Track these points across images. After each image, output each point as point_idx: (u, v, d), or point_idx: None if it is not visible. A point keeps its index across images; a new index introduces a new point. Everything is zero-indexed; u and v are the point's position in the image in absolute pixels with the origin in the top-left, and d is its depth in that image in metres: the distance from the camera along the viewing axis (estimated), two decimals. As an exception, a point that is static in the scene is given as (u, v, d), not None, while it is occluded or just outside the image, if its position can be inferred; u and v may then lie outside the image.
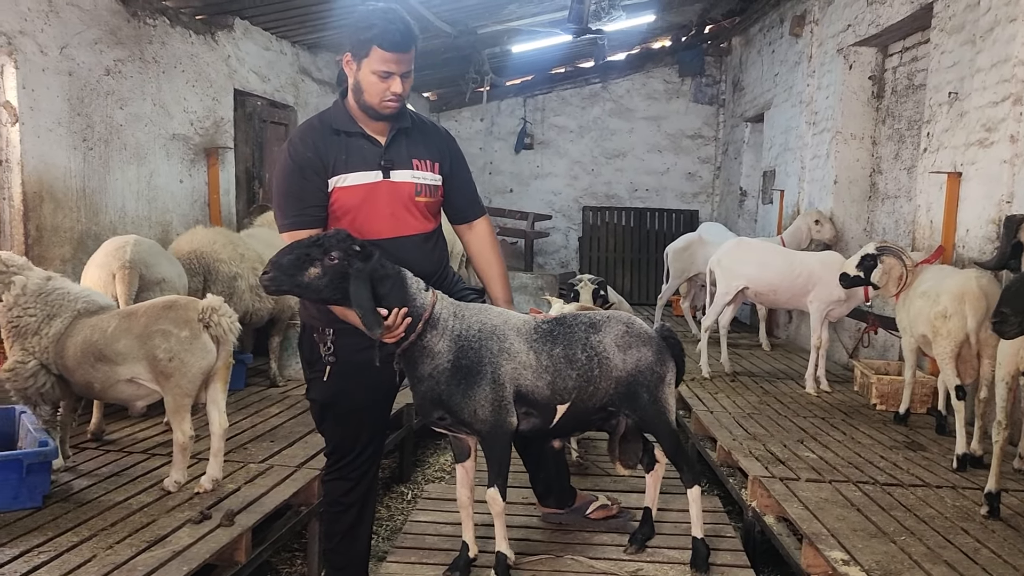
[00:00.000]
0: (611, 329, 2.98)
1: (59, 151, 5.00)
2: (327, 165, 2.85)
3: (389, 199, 2.91)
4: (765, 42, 10.00)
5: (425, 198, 2.97)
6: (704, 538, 3.19)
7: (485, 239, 3.22)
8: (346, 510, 3.17)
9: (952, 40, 5.42)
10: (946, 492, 3.87)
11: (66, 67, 5.03)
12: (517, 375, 2.78)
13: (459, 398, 2.71)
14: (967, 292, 4.15)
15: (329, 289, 2.59)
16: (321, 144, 2.86)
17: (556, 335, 2.89)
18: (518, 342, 2.81)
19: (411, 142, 2.98)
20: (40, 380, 3.66)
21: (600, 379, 2.92)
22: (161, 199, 6.06)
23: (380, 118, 2.90)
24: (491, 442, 2.81)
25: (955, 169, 5.27)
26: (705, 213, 12.68)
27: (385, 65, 2.78)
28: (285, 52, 7.79)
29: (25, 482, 3.31)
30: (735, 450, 4.44)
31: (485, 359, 2.72)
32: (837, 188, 7.44)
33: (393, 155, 2.92)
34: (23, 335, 3.65)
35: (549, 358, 2.84)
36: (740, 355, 7.34)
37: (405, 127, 2.96)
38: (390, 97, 2.83)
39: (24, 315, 3.65)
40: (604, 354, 2.93)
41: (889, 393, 5.43)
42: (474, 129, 12.98)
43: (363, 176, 2.88)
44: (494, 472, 2.86)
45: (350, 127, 2.91)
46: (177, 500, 3.49)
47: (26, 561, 2.86)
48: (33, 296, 3.67)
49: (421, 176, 2.96)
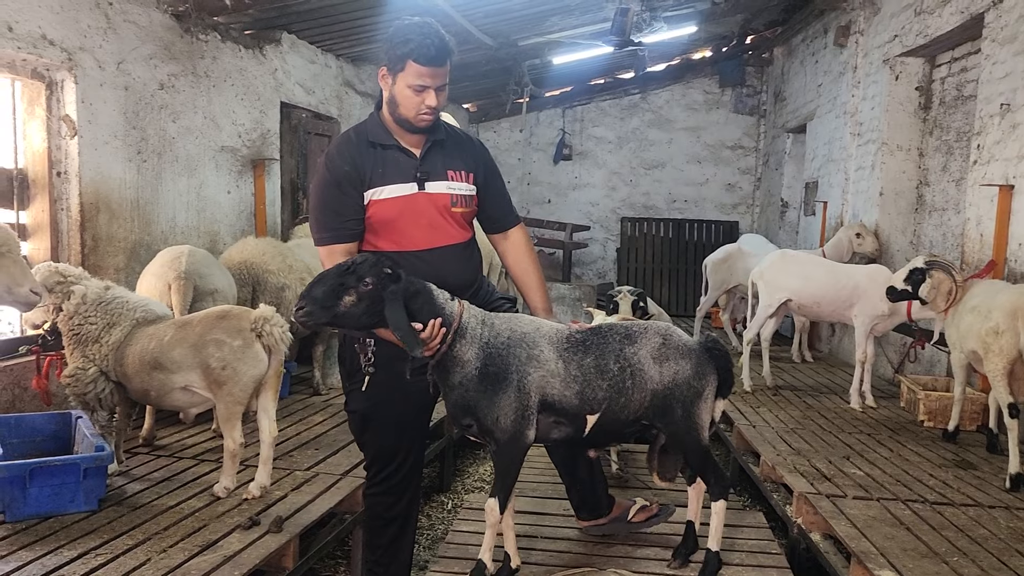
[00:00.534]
0: (647, 341, 2.95)
1: (115, 163, 5.14)
2: (364, 178, 2.89)
3: (425, 210, 2.94)
4: (808, 52, 9.91)
5: (461, 208, 3.01)
6: (719, 552, 3.17)
7: (521, 248, 3.25)
8: (388, 524, 3.18)
9: (1004, 51, 5.33)
10: (999, 512, 3.78)
11: (122, 82, 5.17)
12: (544, 383, 2.79)
13: (485, 404, 2.74)
14: (1020, 308, 4.06)
15: (367, 316, 2.61)
16: (358, 157, 2.91)
17: (589, 345, 2.88)
18: (548, 350, 2.82)
19: (446, 153, 3.02)
20: (100, 386, 3.77)
21: (633, 391, 2.89)
22: (210, 210, 6.19)
23: (415, 131, 2.95)
24: (504, 452, 2.82)
25: (1007, 182, 5.17)
26: (745, 224, 12.57)
27: (420, 79, 2.83)
28: (330, 65, 7.93)
29: (82, 486, 3.40)
30: (779, 465, 4.39)
31: (512, 366, 2.74)
32: (883, 200, 7.33)
33: (428, 167, 2.96)
34: (84, 343, 3.78)
35: (579, 368, 2.84)
36: (782, 368, 7.26)
37: (440, 139, 3.01)
38: (425, 110, 2.88)
39: (85, 323, 3.78)
40: (638, 366, 2.90)
41: (937, 409, 5.32)
42: (513, 140, 13.03)
43: (399, 188, 2.91)
44: (499, 484, 2.89)
45: (386, 140, 2.95)
46: (227, 506, 3.56)
47: (84, 563, 2.95)
48: (93, 305, 3.81)
49: (456, 187, 3.01)
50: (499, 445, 2.82)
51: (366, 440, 3.15)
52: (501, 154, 12.97)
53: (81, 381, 3.74)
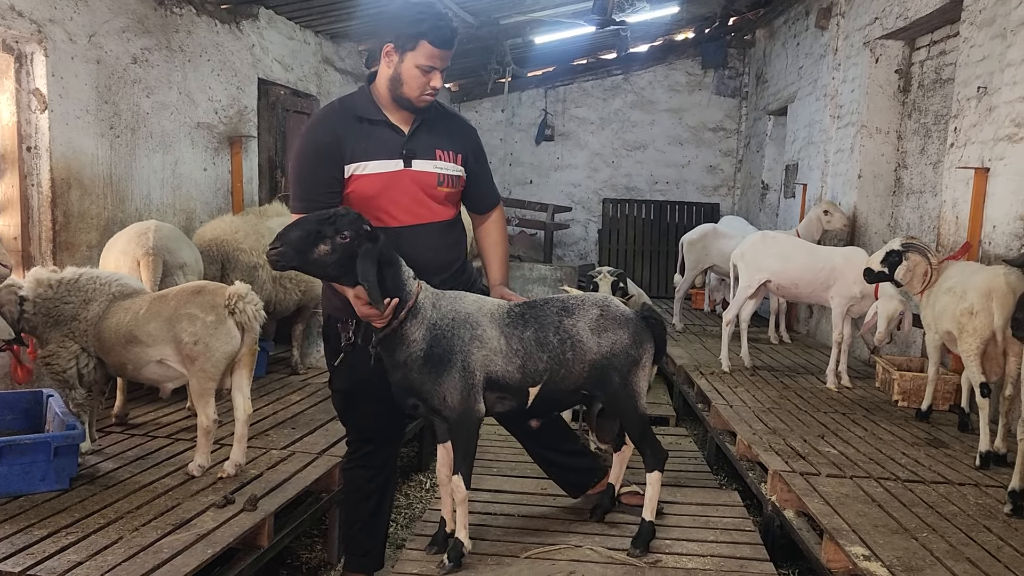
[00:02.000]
0: (585, 312, 3.03)
1: (87, 138, 5.05)
2: (345, 151, 2.87)
3: (409, 188, 2.93)
4: (790, 35, 9.90)
5: (447, 188, 3.00)
6: (652, 522, 3.23)
7: (497, 223, 3.28)
8: (367, 498, 3.23)
9: (982, 34, 5.35)
10: (969, 490, 3.84)
11: (94, 55, 5.07)
12: (488, 361, 2.83)
13: (430, 385, 2.77)
14: (995, 289, 4.10)
15: (335, 267, 2.63)
16: (341, 129, 2.88)
17: (528, 319, 2.94)
18: (490, 328, 2.86)
19: (434, 133, 3.00)
20: (82, 362, 3.79)
21: (573, 362, 2.96)
22: (185, 187, 6.11)
23: (413, 110, 2.93)
24: (459, 429, 2.86)
25: (983, 164, 5.20)
26: (726, 206, 12.59)
27: (431, 60, 2.82)
28: (308, 42, 7.82)
29: (53, 464, 3.37)
30: (755, 444, 4.42)
31: (456, 347, 2.78)
32: (861, 182, 7.36)
33: (416, 145, 2.94)
34: (60, 323, 3.77)
35: (520, 342, 2.89)
36: (760, 349, 7.30)
37: (429, 118, 2.98)
38: (429, 91, 2.88)
39: (61, 304, 3.77)
40: (577, 337, 2.97)
41: (911, 389, 5.39)
42: (495, 120, 12.95)
43: (384, 164, 2.89)
44: (460, 459, 2.91)
45: (374, 115, 2.92)
46: (201, 484, 3.54)
47: (54, 542, 2.92)
48: (67, 286, 3.80)
49: (444, 166, 2.99)
50: (451, 423, 2.86)
51: (349, 418, 3.20)
52: (483, 134, 12.61)
53: (62, 359, 3.75)
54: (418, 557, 3.15)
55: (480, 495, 3.78)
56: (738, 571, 3.11)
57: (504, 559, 3.14)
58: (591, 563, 3.12)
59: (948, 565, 3.01)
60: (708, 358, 6.78)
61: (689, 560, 3.18)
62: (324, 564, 4.00)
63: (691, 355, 6.94)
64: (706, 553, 3.24)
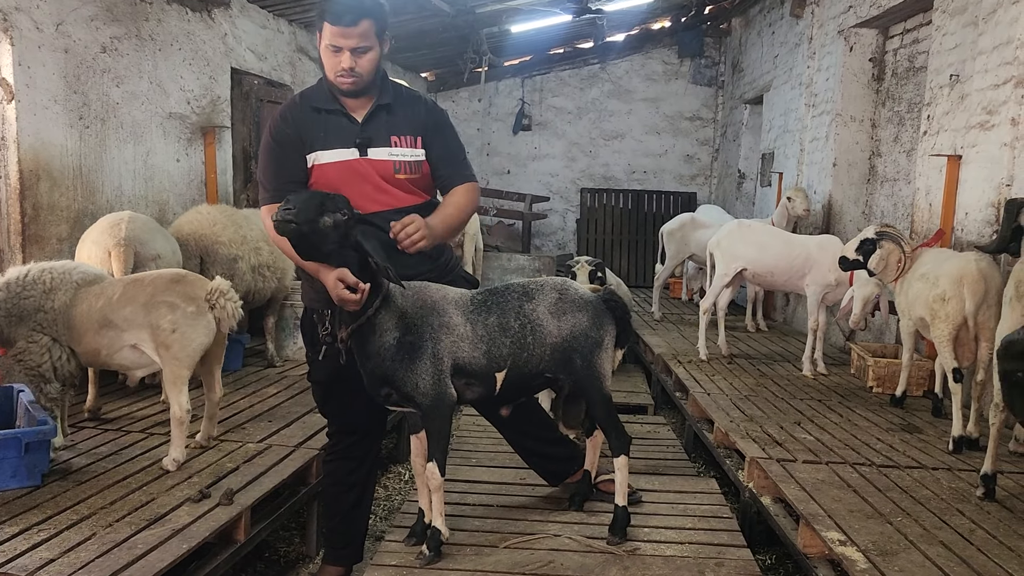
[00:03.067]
0: (544, 296, 3.06)
1: (55, 129, 4.96)
2: (305, 142, 2.88)
3: (369, 176, 2.90)
4: (765, 23, 9.93)
5: (406, 175, 2.94)
6: (626, 507, 3.24)
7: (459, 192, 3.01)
8: (348, 490, 3.23)
9: (954, 22, 5.39)
10: (942, 474, 3.89)
11: (62, 44, 4.97)
12: (455, 348, 2.85)
13: (402, 373, 2.77)
14: (966, 275, 4.14)
15: (332, 242, 2.57)
16: (300, 121, 2.89)
17: (491, 305, 2.96)
18: (456, 315, 2.88)
19: (391, 118, 2.95)
20: (55, 353, 3.72)
21: (534, 346, 2.99)
22: (158, 178, 6.02)
23: (344, 94, 2.90)
24: (432, 415, 2.85)
25: (955, 152, 5.26)
26: (703, 195, 12.64)
27: (333, 39, 2.78)
28: (282, 30, 7.72)
29: (24, 461, 3.31)
30: (732, 432, 4.45)
31: (426, 335, 2.79)
32: (836, 171, 7.42)
33: (371, 132, 2.91)
34: (25, 318, 3.69)
35: (484, 328, 2.91)
36: (737, 337, 7.35)
37: (385, 103, 2.94)
38: (341, 72, 2.82)
39: (19, 301, 3.69)
40: (537, 321, 3.00)
41: (886, 376, 5.45)
42: (472, 110, 12.90)
43: (340, 154, 2.88)
44: (433, 446, 2.91)
45: (329, 104, 2.92)
46: (176, 479, 3.50)
47: (26, 539, 2.87)
48: (18, 283, 3.71)
49: (400, 152, 2.93)
50: (424, 410, 2.85)
51: (329, 409, 3.21)
52: (460, 124, 12.81)
53: (34, 353, 3.68)
54: (397, 549, 3.14)
55: (458, 485, 3.78)
56: (716, 557, 3.13)
57: (483, 549, 3.13)
58: (570, 552, 3.12)
59: (922, 549, 3.05)
60: (686, 346, 6.81)
61: (667, 547, 3.19)
62: (302, 557, 3.97)
63: (669, 344, 6.97)
64: (684, 540, 3.26)
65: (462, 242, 7.69)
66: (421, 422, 2.97)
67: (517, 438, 3.63)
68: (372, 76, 2.87)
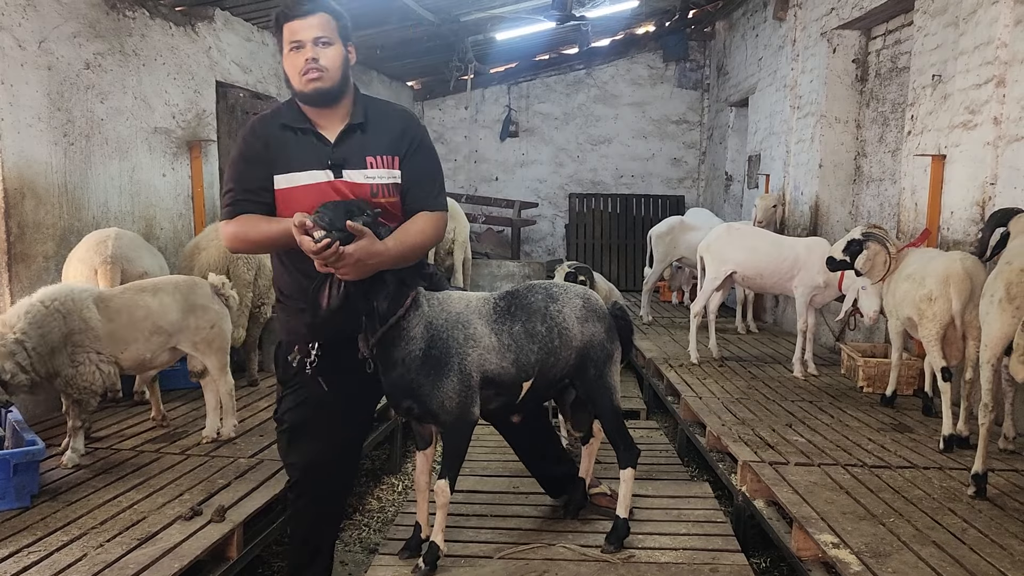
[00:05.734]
0: (570, 300, 3.08)
1: (40, 146, 4.93)
2: (273, 160, 2.71)
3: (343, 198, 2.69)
4: (749, 26, 9.99)
5: (384, 198, 2.74)
6: (627, 519, 3.25)
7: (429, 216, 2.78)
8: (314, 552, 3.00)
9: (935, 22, 5.43)
10: (933, 473, 3.90)
11: (45, 61, 4.95)
12: (483, 361, 2.82)
13: (428, 388, 2.73)
14: (952, 275, 4.17)
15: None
16: (270, 139, 2.73)
17: (515, 311, 2.93)
18: (481, 326, 2.84)
19: (365, 138, 2.75)
20: (104, 368, 3.79)
21: (561, 349, 3.00)
22: (144, 193, 5.99)
23: (312, 102, 2.70)
24: (453, 433, 2.84)
25: (939, 152, 5.29)
26: (691, 199, 12.69)
27: (293, 35, 2.64)
28: (267, 43, 7.71)
29: (13, 482, 3.29)
30: (724, 435, 4.46)
31: (453, 349, 2.75)
32: (822, 172, 7.46)
33: (345, 152, 2.72)
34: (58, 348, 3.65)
35: (511, 336, 2.89)
36: (728, 340, 7.37)
37: (358, 123, 2.76)
38: (305, 68, 2.62)
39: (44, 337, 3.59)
40: (564, 324, 3.01)
41: (876, 375, 5.47)
42: (458, 118, 12.91)
43: (312, 175, 2.70)
44: (448, 464, 2.89)
45: (299, 123, 2.75)
46: (167, 497, 3.48)
47: (16, 561, 2.85)
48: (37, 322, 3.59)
49: (376, 175, 2.74)
50: (446, 427, 2.82)
51: (295, 456, 2.91)
52: (447, 132, 12.85)
53: (85, 374, 3.72)
54: (391, 562, 3.13)
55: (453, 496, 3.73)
56: (711, 563, 3.13)
57: (478, 560, 3.12)
58: (565, 561, 3.12)
59: (915, 549, 3.06)
60: (677, 350, 6.82)
61: (662, 554, 3.19)
62: (297, 572, 3.94)
63: (660, 348, 6.98)
64: (679, 546, 3.26)
65: (452, 250, 7.68)
66: (441, 438, 2.93)
67: (528, 453, 3.63)
68: (339, 77, 2.69)
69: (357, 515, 4.55)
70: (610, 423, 3.21)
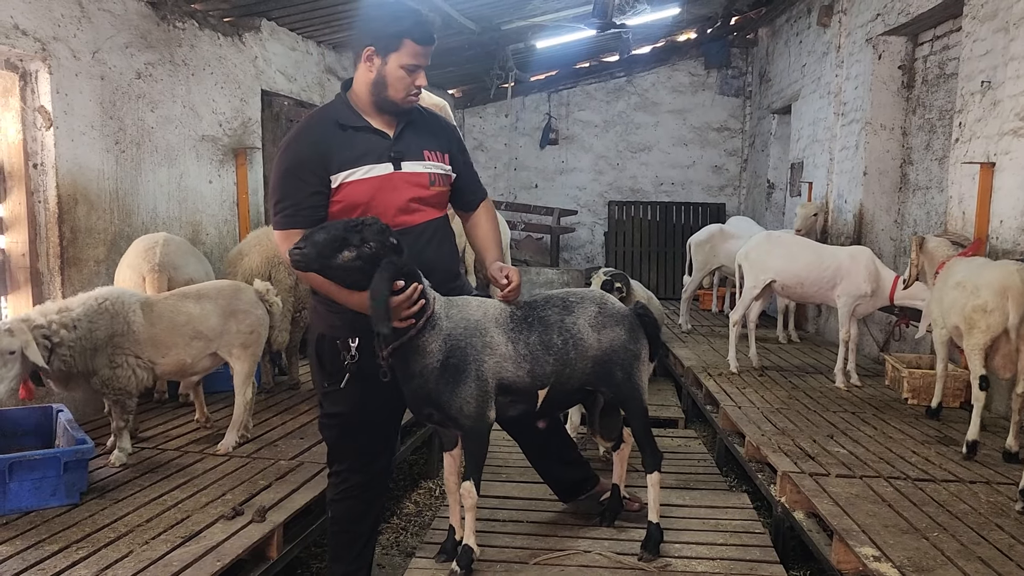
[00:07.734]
0: (584, 310, 3.08)
1: (92, 154, 5.09)
2: (328, 162, 2.79)
3: (403, 190, 2.87)
4: (792, 32, 9.88)
5: (439, 187, 2.98)
6: (659, 523, 3.23)
7: (486, 212, 3.23)
8: (357, 539, 3.13)
9: (985, 28, 5.32)
10: (980, 488, 3.81)
11: (98, 71, 5.11)
12: (499, 368, 2.85)
13: (447, 396, 2.77)
14: (1010, 287, 4.02)
15: (357, 274, 2.58)
16: (322, 141, 2.81)
17: (532, 322, 2.96)
18: (498, 334, 2.88)
19: (420, 134, 2.97)
20: (140, 373, 3.90)
21: (576, 360, 3.01)
22: (191, 200, 6.14)
23: (397, 112, 2.90)
24: (472, 437, 2.87)
25: (988, 159, 5.18)
26: (732, 206, 12.56)
27: (415, 59, 2.81)
28: (311, 52, 7.85)
29: (63, 479, 3.39)
30: (764, 445, 4.41)
31: (470, 357, 2.79)
32: (867, 180, 7.33)
33: (403, 147, 2.90)
34: (100, 347, 3.78)
35: (527, 346, 2.91)
36: (768, 349, 7.28)
37: (413, 120, 2.97)
38: (414, 91, 2.86)
39: (91, 333, 3.74)
40: (578, 335, 3.02)
41: (921, 387, 5.36)
42: (499, 125, 12.97)
43: (374, 169, 2.83)
44: (472, 466, 2.91)
45: (356, 121, 2.87)
46: (210, 496, 3.56)
47: (65, 557, 2.94)
48: (86, 319, 3.75)
49: (433, 166, 2.96)
50: (465, 431, 2.86)
51: (343, 444, 3.05)
52: (487, 139, 12.93)
53: (122, 377, 3.84)
54: (427, 566, 3.16)
55: (488, 501, 3.78)
56: (748, 574, 3.10)
57: (513, 565, 3.14)
58: (600, 568, 3.12)
59: (959, 565, 2.99)
60: (716, 359, 6.76)
61: (699, 564, 3.16)
62: (335, 574, 3.99)
63: (699, 356, 6.92)
64: (716, 556, 3.23)
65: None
66: (461, 442, 2.97)
67: (536, 456, 3.64)
68: None
69: (395, 519, 4.59)
70: (639, 423, 3.22)
